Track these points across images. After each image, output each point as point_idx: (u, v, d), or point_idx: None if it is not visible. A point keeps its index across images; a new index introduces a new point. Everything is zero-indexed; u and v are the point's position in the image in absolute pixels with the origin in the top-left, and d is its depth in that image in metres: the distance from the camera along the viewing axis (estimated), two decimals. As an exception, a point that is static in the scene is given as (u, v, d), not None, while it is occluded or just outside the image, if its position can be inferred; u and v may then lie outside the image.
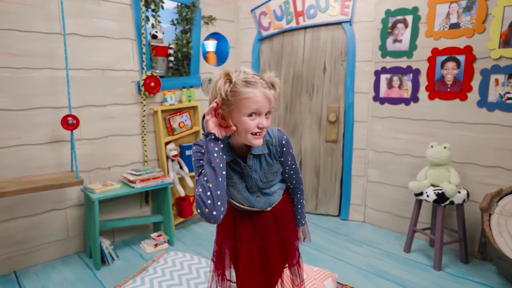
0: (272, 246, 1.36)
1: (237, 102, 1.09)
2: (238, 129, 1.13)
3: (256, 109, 1.10)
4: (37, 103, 2.44)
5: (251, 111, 1.10)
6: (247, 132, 1.12)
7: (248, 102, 1.09)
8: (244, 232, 1.34)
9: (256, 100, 1.09)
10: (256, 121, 1.12)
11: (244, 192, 1.28)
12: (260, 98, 1.10)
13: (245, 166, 1.23)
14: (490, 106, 2.55)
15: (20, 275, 2.43)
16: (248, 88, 1.09)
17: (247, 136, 1.13)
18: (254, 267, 1.33)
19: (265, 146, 1.25)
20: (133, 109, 2.93)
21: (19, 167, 2.42)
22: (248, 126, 1.11)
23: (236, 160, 1.23)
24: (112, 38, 2.73)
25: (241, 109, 1.09)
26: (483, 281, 2.38)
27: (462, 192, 2.51)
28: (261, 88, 1.10)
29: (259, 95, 1.09)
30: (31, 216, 2.51)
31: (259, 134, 1.14)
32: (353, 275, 2.47)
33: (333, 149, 3.40)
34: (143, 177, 2.72)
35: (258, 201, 1.32)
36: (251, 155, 1.23)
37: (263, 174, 1.28)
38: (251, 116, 1.11)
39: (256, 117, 1.12)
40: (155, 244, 2.82)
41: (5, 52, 2.27)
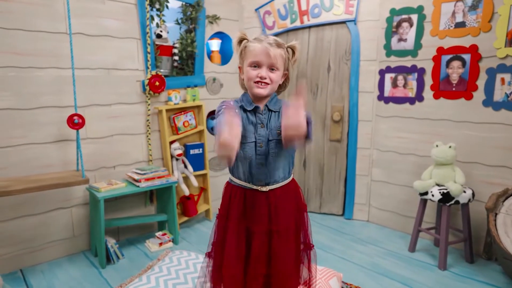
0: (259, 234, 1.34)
1: (245, 54, 1.31)
2: (246, 75, 1.31)
3: (256, 61, 1.27)
4: (43, 102, 2.46)
5: (251, 60, 1.28)
6: (250, 80, 1.29)
7: (249, 53, 1.29)
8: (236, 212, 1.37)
9: (255, 53, 1.27)
10: (256, 71, 1.28)
11: (251, 150, 1.31)
12: (259, 51, 1.26)
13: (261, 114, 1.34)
14: (496, 105, 2.54)
15: (26, 273, 2.45)
16: (253, 43, 1.30)
17: (251, 85, 1.30)
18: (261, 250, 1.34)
19: (277, 107, 1.36)
20: (138, 108, 2.94)
21: (25, 166, 2.43)
22: (250, 74, 1.29)
23: (256, 108, 1.34)
24: (117, 38, 2.74)
25: (245, 59, 1.31)
26: (488, 281, 2.37)
27: (468, 192, 2.50)
28: (265, 43, 1.27)
29: (259, 48, 1.26)
30: (37, 214, 2.52)
31: (260, 84, 1.29)
32: (358, 274, 2.47)
33: (337, 148, 3.40)
34: (148, 176, 2.73)
35: (259, 170, 1.32)
36: (265, 106, 1.35)
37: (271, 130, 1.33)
38: (254, 67, 1.28)
39: (257, 69, 1.28)
40: (159, 243, 2.82)
41: (10, 52, 2.29)
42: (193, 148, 3.22)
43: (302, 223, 1.45)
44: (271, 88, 1.31)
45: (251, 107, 1.33)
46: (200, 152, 3.27)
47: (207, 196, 3.41)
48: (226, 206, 1.40)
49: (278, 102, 1.38)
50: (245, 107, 1.34)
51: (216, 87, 3.46)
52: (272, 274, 1.35)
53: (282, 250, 1.35)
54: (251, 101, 1.35)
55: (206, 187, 3.39)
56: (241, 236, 1.34)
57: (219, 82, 3.48)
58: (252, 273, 1.33)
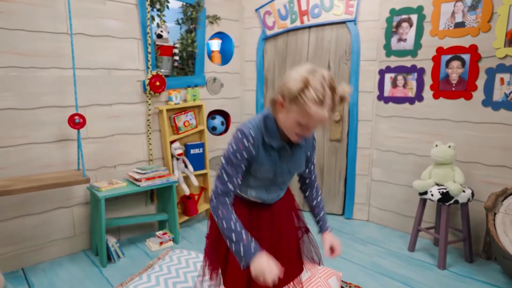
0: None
1: (299, 107, 1.11)
2: (285, 122, 1.18)
3: (310, 124, 1.15)
4: (44, 102, 2.47)
5: (303, 121, 1.14)
6: (291, 131, 1.19)
7: (305, 112, 1.11)
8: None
9: (311, 118, 1.12)
10: (301, 129, 1.17)
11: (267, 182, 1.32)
12: (317, 119, 1.12)
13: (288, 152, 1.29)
14: (495, 105, 2.55)
15: (27, 272, 2.46)
16: (314, 105, 1.09)
17: (289, 132, 1.20)
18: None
19: (305, 141, 1.35)
20: (139, 108, 2.95)
21: (26, 165, 2.44)
22: (295, 128, 1.17)
23: (283, 147, 1.27)
24: (118, 38, 2.75)
25: (297, 113, 1.13)
26: (487, 280, 2.38)
27: (467, 191, 2.50)
28: (326, 110, 1.12)
29: (318, 116, 1.11)
30: (38, 214, 2.54)
31: (299, 136, 1.20)
32: (358, 274, 2.48)
33: (337, 148, 3.41)
34: (148, 176, 2.74)
35: (271, 194, 1.37)
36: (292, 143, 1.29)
37: (294, 165, 1.33)
38: (300, 124, 1.15)
39: (304, 128, 1.16)
40: (160, 242, 2.84)
41: (12, 52, 2.30)
42: (194, 148, 3.23)
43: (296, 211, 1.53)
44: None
45: (278, 145, 1.25)
46: (201, 152, 3.28)
47: (207, 196, 3.42)
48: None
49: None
50: (271, 143, 1.25)
51: (216, 87, 3.48)
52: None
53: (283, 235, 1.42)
54: (278, 137, 1.25)
55: (206, 187, 3.40)
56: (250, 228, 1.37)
57: (220, 82, 3.49)
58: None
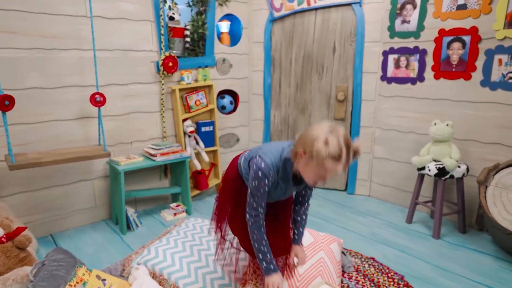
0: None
1: (318, 161, 1.31)
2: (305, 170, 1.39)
3: (324, 176, 1.36)
4: (66, 81, 2.64)
5: (322, 174, 1.35)
6: (310, 179, 1.41)
7: (324, 169, 1.32)
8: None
9: (330, 172, 1.33)
10: (318, 178, 1.38)
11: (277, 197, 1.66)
12: (334, 171, 1.32)
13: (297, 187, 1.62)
14: (493, 85, 2.67)
15: (56, 237, 2.71)
16: (331, 161, 1.29)
17: (307, 179, 1.42)
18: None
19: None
20: (153, 88, 3.12)
21: (52, 140, 2.64)
22: (313, 177, 1.39)
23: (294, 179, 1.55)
24: (133, 20, 2.89)
25: (316, 166, 1.33)
26: (478, 248, 2.57)
27: (462, 167, 2.66)
28: (341, 165, 1.31)
29: (335, 170, 1.32)
30: (63, 185, 2.75)
31: (315, 183, 1.44)
32: (358, 242, 2.68)
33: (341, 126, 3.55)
34: (163, 151, 2.93)
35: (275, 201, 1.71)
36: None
37: (299, 188, 1.67)
38: (318, 176, 1.37)
39: (320, 178, 1.38)
40: (174, 213, 3.06)
41: (37, 34, 2.46)
42: (204, 126, 3.41)
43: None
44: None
45: (288, 179, 1.54)
46: (211, 130, 3.46)
47: (217, 171, 3.62)
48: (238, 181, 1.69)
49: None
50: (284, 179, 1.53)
51: (225, 68, 3.61)
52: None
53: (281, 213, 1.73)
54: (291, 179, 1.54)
55: (216, 163, 3.60)
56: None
57: (229, 62, 3.63)
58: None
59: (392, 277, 2.21)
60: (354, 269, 2.30)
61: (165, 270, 1.97)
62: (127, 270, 2.08)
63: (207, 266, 2.02)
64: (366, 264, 2.36)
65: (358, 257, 2.44)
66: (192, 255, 2.06)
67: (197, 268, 1.99)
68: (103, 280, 1.83)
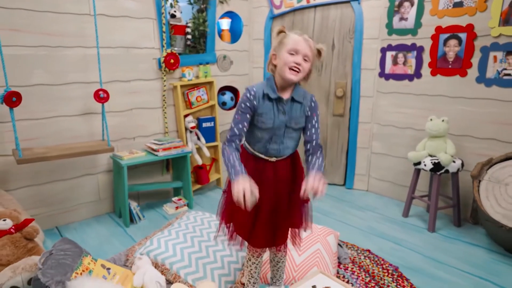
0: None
1: (284, 41, 1.45)
2: (279, 64, 1.46)
3: (295, 49, 1.43)
4: (70, 78, 2.71)
5: (291, 47, 1.43)
6: (286, 65, 1.44)
7: (290, 42, 1.44)
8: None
9: (296, 41, 1.43)
10: (293, 58, 1.43)
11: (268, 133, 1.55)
12: (299, 41, 1.43)
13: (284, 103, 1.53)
14: (488, 82, 2.72)
15: (61, 230, 2.79)
16: (293, 34, 1.46)
17: (285, 70, 1.44)
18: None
19: (301, 98, 1.55)
20: (155, 84, 3.18)
21: (57, 136, 2.72)
22: (287, 59, 1.43)
23: (279, 98, 1.52)
24: (135, 18, 2.95)
25: (285, 46, 1.44)
26: (472, 241, 2.64)
27: (457, 162, 2.72)
28: (305, 36, 1.45)
29: (299, 39, 1.44)
30: (68, 179, 2.83)
31: (295, 70, 1.44)
32: (354, 235, 2.75)
33: (340, 122, 3.62)
34: (165, 146, 3.00)
35: (272, 146, 1.57)
36: (291, 97, 1.53)
37: (291, 119, 1.55)
38: (291, 54, 1.43)
39: (294, 55, 1.43)
40: (176, 207, 3.13)
41: (42, 32, 2.52)
42: (205, 122, 3.48)
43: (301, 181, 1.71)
44: (300, 77, 1.49)
45: (275, 96, 1.50)
46: (212, 125, 3.53)
47: (218, 166, 3.69)
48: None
49: (300, 92, 1.55)
50: (270, 95, 1.50)
51: (226, 64, 3.67)
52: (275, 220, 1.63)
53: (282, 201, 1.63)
54: (275, 90, 1.51)
55: (217, 158, 3.67)
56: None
57: (229, 59, 3.69)
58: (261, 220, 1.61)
59: (387, 268, 2.28)
60: (350, 260, 2.37)
61: (167, 260, 2.05)
62: (131, 260, 2.16)
63: (208, 257, 2.09)
64: (362, 256, 2.43)
65: (354, 249, 2.51)
66: (193, 246, 2.14)
67: (198, 258, 2.07)
68: (107, 269, 1.91)
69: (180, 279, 1.96)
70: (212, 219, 2.46)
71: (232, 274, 2.08)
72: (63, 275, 1.67)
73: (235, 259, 2.14)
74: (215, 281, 1.99)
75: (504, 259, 2.41)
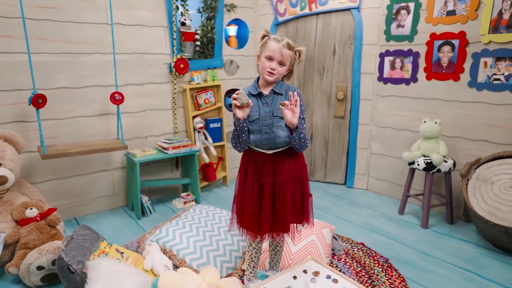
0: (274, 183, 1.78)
1: (265, 46, 1.71)
2: (260, 66, 1.73)
3: (270, 55, 1.68)
4: (89, 82, 2.96)
5: (267, 54, 1.69)
6: (264, 69, 1.70)
7: (268, 49, 1.69)
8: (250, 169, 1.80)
9: (271, 49, 1.68)
10: (269, 63, 1.69)
11: (258, 124, 1.73)
12: (275, 49, 1.67)
13: (266, 97, 1.75)
14: (479, 86, 2.86)
15: (79, 220, 3.04)
16: (272, 41, 1.69)
17: (264, 72, 1.71)
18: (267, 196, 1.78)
19: (283, 90, 1.77)
20: (166, 88, 3.42)
21: (76, 134, 2.97)
22: (264, 65, 1.70)
23: (260, 93, 1.75)
24: (148, 26, 3.19)
25: (265, 51, 1.71)
26: (463, 237, 2.78)
27: (449, 162, 2.87)
28: (280, 44, 1.68)
29: (275, 47, 1.67)
30: (86, 174, 3.09)
31: (270, 73, 1.70)
32: (350, 230, 2.92)
33: (341, 124, 3.79)
34: (174, 145, 3.23)
35: (263, 136, 1.73)
36: (272, 90, 1.76)
37: (276, 109, 1.73)
38: (268, 60, 1.69)
39: (270, 61, 1.69)
40: (184, 201, 3.35)
41: (65, 40, 2.78)
42: (213, 122, 3.70)
43: (303, 177, 1.87)
44: (276, 78, 1.73)
45: (255, 92, 1.75)
46: (219, 126, 3.75)
47: (224, 165, 3.91)
48: (244, 165, 1.86)
49: (282, 86, 1.80)
50: (251, 92, 1.76)
51: (233, 69, 3.89)
52: (276, 212, 1.81)
53: (281, 195, 1.80)
54: (257, 87, 1.76)
55: (223, 157, 3.88)
56: (255, 185, 1.80)
57: (236, 64, 3.90)
58: (264, 211, 1.79)
59: (378, 259, 2.45)
60: (344, 252, 2.55)
61: (174, 247, 2.26)
62: (142, 246, 2.38)
63: (211, 245, 2.30)
64: (355, 248, 2.60)
65: (349, 243, 2.68)
66: (198, 235, 2.35)
67: (202, 246, 2.28)
68: (121, 253, 2.13)
69: (186, 264, 2.17)
70: (217, 212, 2.67)
71: (233, 261, 2.28)
72: (83, 256, 1.90)
73: (236, 248, 2.35)
74: (217, 267, 2.19)
75: (491, 253, 2.55)
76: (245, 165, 1.84)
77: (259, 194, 1.79)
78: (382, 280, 2.22)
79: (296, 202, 1.83)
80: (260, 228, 1.80)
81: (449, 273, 2.31)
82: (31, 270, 2.04)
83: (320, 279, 1.87)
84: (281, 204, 1.79)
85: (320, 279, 1.87)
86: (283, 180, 1.78)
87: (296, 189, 1.83)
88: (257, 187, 1.79)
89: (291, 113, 1.62)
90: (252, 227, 1.81)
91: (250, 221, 1.81)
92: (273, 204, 1.79)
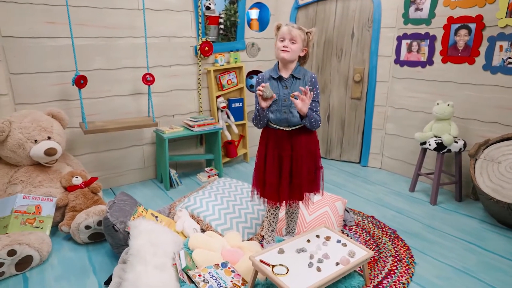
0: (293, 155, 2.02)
1: (278, 33, 1.94)
2: (275, 49, 1.93)
3: (282, 36, 1.90)
4: (123, 64, 3.22)
5: (280, 36, 1.92)
6: (278, 49, 1.91)
7: (279, 33, 1.93)
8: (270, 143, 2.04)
9: (282, 31, 1.91)
10: (282, 43, 1.90)
11: (278, 105, 1.95)
12: (284, 30, 1.90)
13: (285, 80, 1.97)
14: (494, 69, 2.95)
15: (115, 190, 3.38)
16: (282, 27, 1.93)
17: (278, 52, 1.91)
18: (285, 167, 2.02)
19: (301, 75, 1.96)
20: (191, 69, 3.65)
21: (111, 112, 3.26)
22: (278, 45, 1.92)
23: (280, 77, 1.96)
24: (175, 11, 3.39)
25: (278, 36, 1.94)
26: (469, 214, 2.95)
27: (459, 142, 3.00)
28: (289, 26, 1.90)
29: (285, 28, 1.90)
30: (120, 149, 3.39)
31: (284, 51, 1.89)
32: (362, 204, 3.13)
33: (357, 105, 3.94)
34: (199, 123, 3.48)
35: (282, 115, 1.95)
36: (291, 75, 1.96)
37: (292, 90, 1.94)
38: (281, 41, 1.91)
39: (283, 41, 1.90)
40: (208, 176, 3.63)
41: (101, 25, 3.02)
42: (235, 102, 3.92)
43: (316, 151, 2.10)
44: (291, 56, 1.91)
45: (276, 76, 1.96)
46: (240, 106, 3.97)
47: (245, 142, 4.15)
48: (264, 141, 2.09)
49: (301, 70, 1.99)
50: (272, 75, 1.97)
51: (254, 51, 4.06)
52: (293, 182, 2.05)
53: (298, 167, 2.04)
54: (277, 71, 1.97)
55: (244, 135, 4.12)
56: (275, 158, 2.04)
57: (257, 46, 4.07)
58: (283, 182, 2.04)
59: (386, 231, 2.67)
60: (354, 224, 2.77)
61: (201, 213, 2.54)
62: (172, 212, 2.68)
63: (234, 213, 2.57)
64: (366, 220, 2.82)
65: (360, 215, 2.90)
66: (222, 204, 2.62)
67: (226, 213, 2.55)
68: (156, 217, 2.43)
69: (212, 228, 2.45)
70: (238, 184, 2.93)
71: (254, 227, 2.55)
72: (125, 217, 2.20)
73: (256, 216, 2.61)
74: (239, 231, 2.47)
75: (494, 228, 2.72)
76: (265, 140, 2.08)
77: (279, 166, 2.03)
78: (388, 248, 2.44)
79: (310, 174, 2.08)
80: (280, 196, 2.05)
81: (452, 244, 2.51)
82: (80, 229, 2.37)
83: (331, 243, 2.11)
84: (298, 175, 2.03)
85: (330, 243, 2.11)
86: (300, 153, 2.02)
87: (311, 162, 2.08)
88: (277, 160, 2.03)
89: (301, 103, 1.84)
90: (273, 196, 2.06)
91: (271, 190, 2.06)
92: (290, 175, 2.03)
